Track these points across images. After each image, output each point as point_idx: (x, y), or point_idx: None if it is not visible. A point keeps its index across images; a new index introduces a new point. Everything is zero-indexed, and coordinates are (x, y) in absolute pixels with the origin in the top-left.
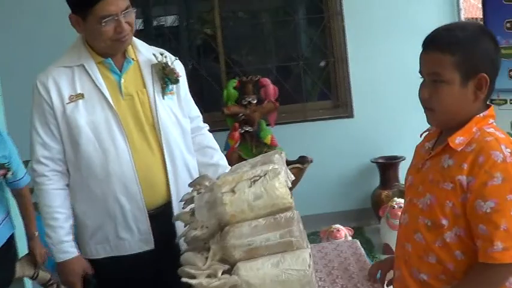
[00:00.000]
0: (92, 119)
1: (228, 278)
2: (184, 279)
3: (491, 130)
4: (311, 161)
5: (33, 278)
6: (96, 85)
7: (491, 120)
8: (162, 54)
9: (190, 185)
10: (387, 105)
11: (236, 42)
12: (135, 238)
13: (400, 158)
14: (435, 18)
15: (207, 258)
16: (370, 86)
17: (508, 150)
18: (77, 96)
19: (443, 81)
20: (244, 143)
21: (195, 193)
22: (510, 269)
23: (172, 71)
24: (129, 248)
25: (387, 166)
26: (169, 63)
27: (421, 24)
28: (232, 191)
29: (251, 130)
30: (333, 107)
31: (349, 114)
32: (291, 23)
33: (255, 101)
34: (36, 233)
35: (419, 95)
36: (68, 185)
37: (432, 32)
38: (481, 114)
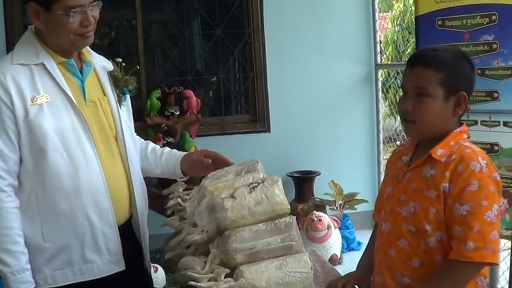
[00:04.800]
0: (59, 125)
1: (234, 281)
2: (191, 283)
3: (468, 144)
4: None
5: None
6: (61, 87)
7: (465, 136)
8: (120, 62)
9: (165, 192)
10: (302, 120)
11: (156, 53)
12: (104, 260)
13: (315, 172)
14: (350, 39)
15: (205, 262)
16: (286, 102)
17: (484, 161)
18: (41, 98)
19: (428, 95)
20: None
21: (178, 200)
22: (478, 267)
23: (130, 81)
24: (98, 272)
25: (302, 180)
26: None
27: (337, 44)
28: (232, 196)
29: (173, 141)
30: (250, 121)
31: (266, 129)
32: (213, 36)
33: (177, 113)
34: None
35: (399, 108)
36: None
37: (418, 52)
38: (457, 130)
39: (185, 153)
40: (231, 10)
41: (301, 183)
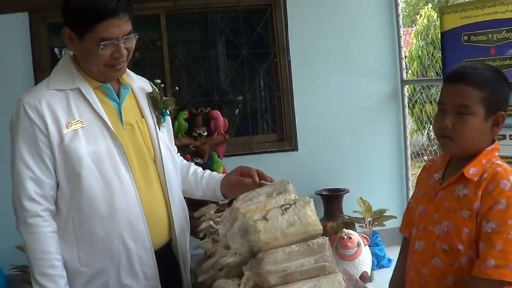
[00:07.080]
0: (94, 150)
1: None
2: None
3: (499, 162)
4: None
5: None
6: (96, 112)
7: (496, 153)
8: (159, 83)
9: (197, 214)
10: (329, 138)
11: (182, 74)
12: (140, 285)
13: (343, 190)
14: (375, 56)
15: (239, 284)
16: (313, 120)
17: None
18: (76, 124)
19: (469, 113)
20: None
21: (210, 222)
22: (498, 286)
23: (169, 102)
24: None
25: (331, 198)
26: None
27: (362, 61)
28: (265, 218)
29: (201, 162)
30: (278, 140)
31: (294, 147)
32: (238, 56)
33: (205, 133)
34: None
35: (436, 124)
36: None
37: (459, 69)
38: (489, 148)
39: (224, 175)
40: (256, 30)
41: (330, 201)
